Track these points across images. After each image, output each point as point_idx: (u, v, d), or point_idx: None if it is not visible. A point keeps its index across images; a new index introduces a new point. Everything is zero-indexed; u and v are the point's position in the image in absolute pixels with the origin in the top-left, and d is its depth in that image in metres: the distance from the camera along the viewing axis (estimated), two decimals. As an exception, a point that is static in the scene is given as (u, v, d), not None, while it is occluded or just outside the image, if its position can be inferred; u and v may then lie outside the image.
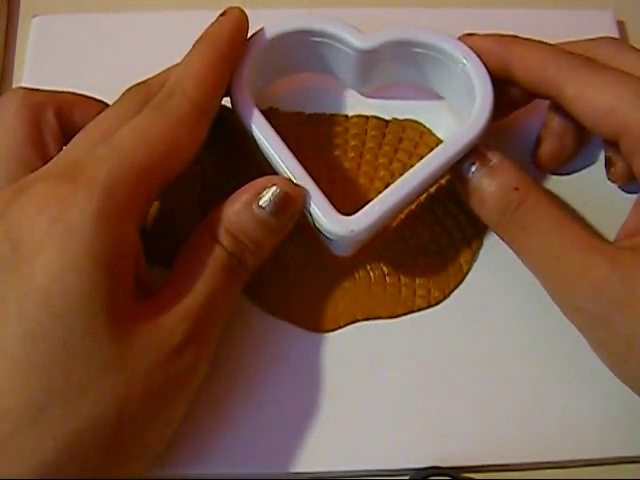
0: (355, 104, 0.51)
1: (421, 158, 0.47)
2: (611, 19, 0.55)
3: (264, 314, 0.46)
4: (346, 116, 0.50)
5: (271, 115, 0.49)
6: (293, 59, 0.49)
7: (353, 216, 0.42)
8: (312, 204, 0.43)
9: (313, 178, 0.43)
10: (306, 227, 0.44)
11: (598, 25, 0.54)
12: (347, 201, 0.47)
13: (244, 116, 0.44)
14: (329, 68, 0.50)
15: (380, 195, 0.43)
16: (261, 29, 0.46)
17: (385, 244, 0.47)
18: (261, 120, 0.44)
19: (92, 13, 0.55)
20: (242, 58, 0.45)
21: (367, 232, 0.43)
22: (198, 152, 0.41)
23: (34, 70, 0.52)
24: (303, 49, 0.48)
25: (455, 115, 0.50)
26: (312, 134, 0.50)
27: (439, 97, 0.50)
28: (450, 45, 0.46)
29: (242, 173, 0.47)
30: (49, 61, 0.52)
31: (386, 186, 0.47)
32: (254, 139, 0.44)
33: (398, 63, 0.48)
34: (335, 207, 0.43)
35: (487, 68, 0.45)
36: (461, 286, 0.47)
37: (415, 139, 0.49)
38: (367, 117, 0.50)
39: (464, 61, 0.45)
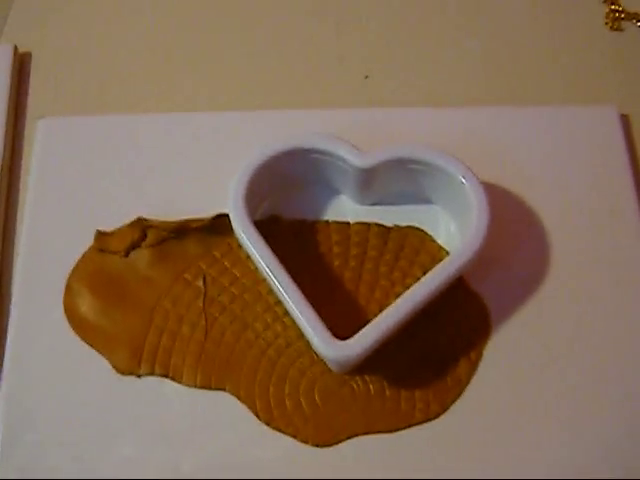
0: (357, 212, 0.51)
1: (422, 266, 0.48)
2: (614, 113, 0.55)
3: (262, 425, 0.46)
4: (348, 223, 0.51)
5: (273, 223, 0.50)
6: (294, 173, 0.50)
7: (349, 341, 0.43)
8: (307, 327, 0.43)
9: (311, 289, 0.44)
10: (305, 341, 0.45)
11: (601, 120, 0.55)
12: (348, 312, 0.48)
13: (240, 235, 0.45)
14: (329, 182, 0.50)
15: (376, 318, 0.44)
16: (261, 146, 0.47)
17: (385, 355, 0.47)
18: (257, 239, 0.45)
19: (98, 115, 0.56)
20: (241, 178, 0.46)
21: (363, 356, 0.43)
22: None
23: (41, 171, 0.53)
24: (303, 165, 0.49)
25: (454, 221, 0.50)
26: (313, 242, 0.50)
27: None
28: (449, 164, 0.46)
29: (240, 282, 0.49)
30: (55, 162, 0.53)
31: (386, 295, 0.47)
32: (251, 257, 0.45)
33: (396, 178, 0.49)
34: (332, 321, 0.43)
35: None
36: (460, 399, 0.47)
37: (417, 246, 0.50)
38: (369, 225, 0.51)
39: (462, 180, 0.46)
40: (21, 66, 0.58)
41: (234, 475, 0.45)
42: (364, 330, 0.43)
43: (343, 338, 0.43)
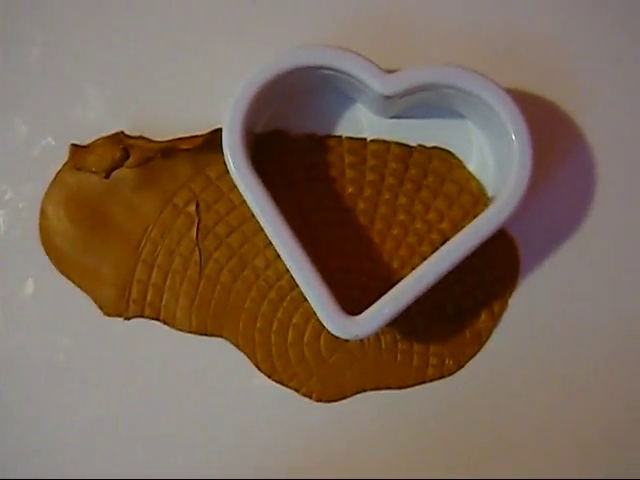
0: (375, 124, 0.43)
1: (447, 198, 0.42)
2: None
3: (263, 377, 0.43)
4: (364, 140, 0.43)
5: (279, 139, 0.43)
6: (305, 84, 0.42)
7: (359, 317, 0.38)
8: (314, 301, 0.38)
9: (320, 223, 0.41)
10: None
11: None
12: (360, 253, 0.43)
13: (237, 180, 0.39)
14: (345, 92, 0.42)
15: (394, 289, 0.39)
16: (265, 64, 0.38)
17: (399, 304, 0.42)
18: (256, 188, 0.39)
19: None
20: (240, 98, 0.38)
21: (374, 334, 0.39)
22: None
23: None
24: (314, 77, 0.40)
25: (488, 141, 0.43)
26: (323, 164, 0.43)
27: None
28: (489, 94, 0.38)
29: (239, 211, 0.43)
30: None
31: (404, 232, 0.42)
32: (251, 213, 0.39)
33: (424, 97, 0.41)
34: (340, 275, 0.41)
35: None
36: (478, 355, 0.43)
37: (442, 173, 0.43)
38: (389, 143, 0.43)
39: (502, 112, 0.38)
40: None
41: (230, 430, 0.43)
42: (378, 305, 0.38)
43: (352, 295, 0.39)
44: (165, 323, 0.43)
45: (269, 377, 0.43)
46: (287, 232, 0.38)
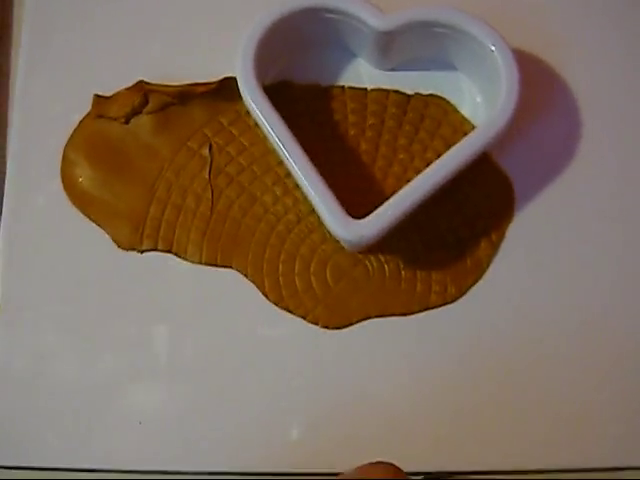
0: (375, 77, 0.47)
1: (443, 139, 0.45)
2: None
3: (270, 305, 0.44)
4: (365, 90, 0.47)
5: (284, 88, 0.46)
6: (308, 34, 0.46)
7: (364, 220, 0.40)
8: (320, 204, 0.40)
9: (325, 161, 0.42)
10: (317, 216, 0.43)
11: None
12: (363, 187, 0.45)
13: (250, 104, 0.42)
14: (346, 43, 0.46)
15: (394, 196, 0.41)
16: (273, 5, 0.43)
17: (401, 235, 0.44)
18: (268, 108, 0.42)
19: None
20: (251, 36, 0.42)
21: (379, 236, 0.41)
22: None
23: (33, 34, 0.48)
24: (318, 25, 0.44)
25: (480, 90, 0.46)
26: (328, 110, 0.46)
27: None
28: (479, 29, 0.42)
29: (249, 152, 0.46)
30: (48, 24, 0.49)
31: (404, 169, 0.44)
32: (260, 128, 0.42)
33: (419, 42, 0.45)
34: (347, 196, 0.41)
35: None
36: (479, 282, 0.44)
37: (438, 117, 0.46)
38: (387, 92, 0.47)
39: (492, 47, 0.42)
40: None
41: (238, 356, 0.44)
42: (381, 209, 0.41)
43: (358, 216, 0.40)
44: (177, 256, 0.45)
45: (276, 305, 0.44)
46: (300, 150, 0.41)
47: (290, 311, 0.44)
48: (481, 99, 0.46)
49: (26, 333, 0.44)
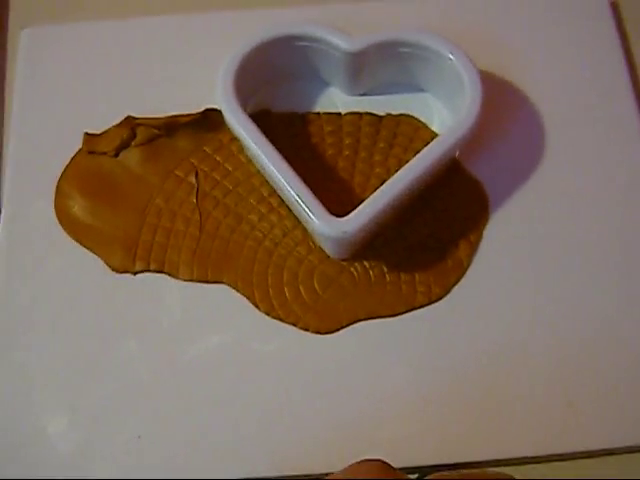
0: (347, 103, 0.50)
1: (417, 153, 0.47)
2: (605, 1, 0.54)
3: (262, 315, 0.46)
4: (339, 114, 0.50)
5: (264, 117, 0.49)
6: (282, 64, 0.49)
7: (345, 217, 0.42)
8: (304, 206, 0.42)
9: (306, 179, 0.43)
10: (302, 230, 0.45)
11: (591, 7, 0.54)
12: (344, 200, 0.47)
13: (232, 122, 0.45)
14: (318, 72, 0.50)
15: (372, 195, 0.43)
16: (247, 37, 0.46)
17: (384, 242, 0.46)
18: (249, 125, 0.45)
19: (82, 22, 0.54)
20: (229, 67, 0.46)
21: (361, 233, 0.42)
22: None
23: (27, 79, 0.52)
24: (291, 54, 0.48)
25: (447, 108, 0.49)
26: (305, 134, 0.49)
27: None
28: (436, 42, 0.46)
29: (233, 176, 0.48)
30: (41, 70, 0.52)
31: (381, 182, 0.47)
32: (244, 144, 0.45)
33: (387, 64, 0.48)
34: (329, 209, 0.43)
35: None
36: (462, 281, 0.46)
37: (410, 134, 0.49)
38: (361, 114, 0.50)
39: (450, 56, 0.45)
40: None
41: (236, 367, 0.45)
42: (361, 207, 0.43)
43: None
44: (170, 275, 0.46)
45: (268, 315, 0.45)
46: (282, 161, 0.44)
47: (281, 320, 0.45)
48: (448, 115, 0.49)
49: (24, 355, 0.45)
